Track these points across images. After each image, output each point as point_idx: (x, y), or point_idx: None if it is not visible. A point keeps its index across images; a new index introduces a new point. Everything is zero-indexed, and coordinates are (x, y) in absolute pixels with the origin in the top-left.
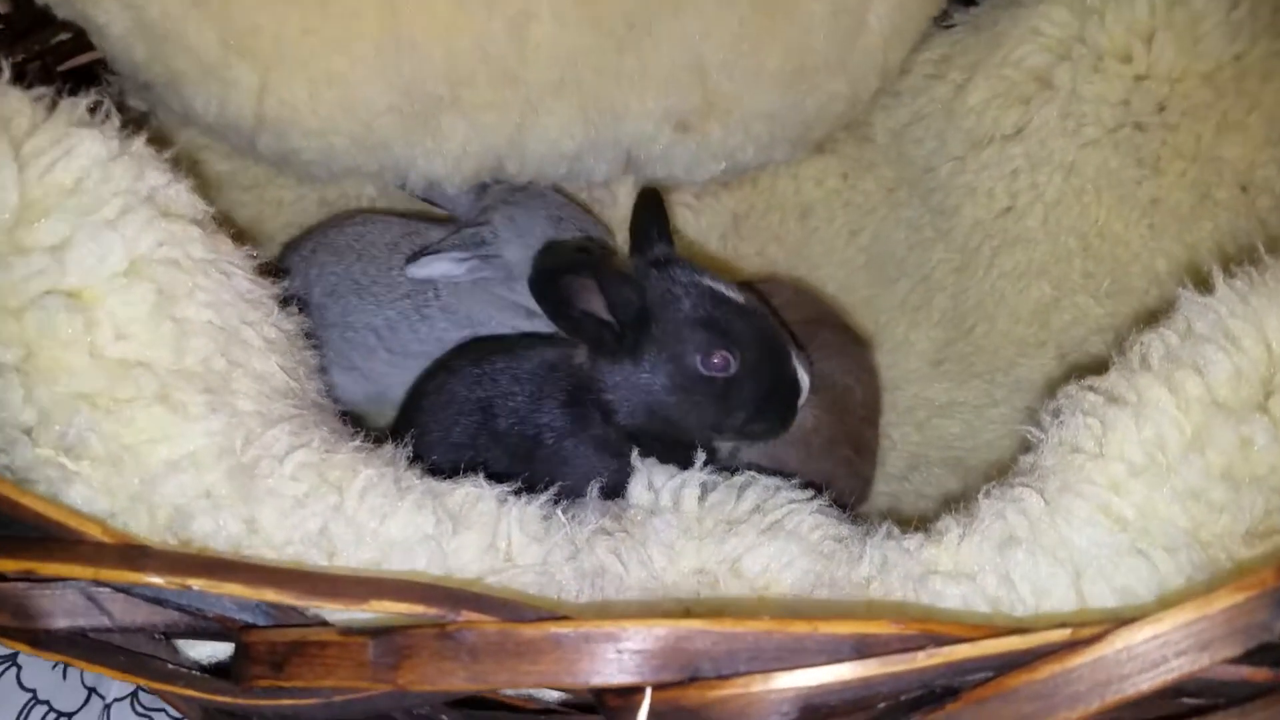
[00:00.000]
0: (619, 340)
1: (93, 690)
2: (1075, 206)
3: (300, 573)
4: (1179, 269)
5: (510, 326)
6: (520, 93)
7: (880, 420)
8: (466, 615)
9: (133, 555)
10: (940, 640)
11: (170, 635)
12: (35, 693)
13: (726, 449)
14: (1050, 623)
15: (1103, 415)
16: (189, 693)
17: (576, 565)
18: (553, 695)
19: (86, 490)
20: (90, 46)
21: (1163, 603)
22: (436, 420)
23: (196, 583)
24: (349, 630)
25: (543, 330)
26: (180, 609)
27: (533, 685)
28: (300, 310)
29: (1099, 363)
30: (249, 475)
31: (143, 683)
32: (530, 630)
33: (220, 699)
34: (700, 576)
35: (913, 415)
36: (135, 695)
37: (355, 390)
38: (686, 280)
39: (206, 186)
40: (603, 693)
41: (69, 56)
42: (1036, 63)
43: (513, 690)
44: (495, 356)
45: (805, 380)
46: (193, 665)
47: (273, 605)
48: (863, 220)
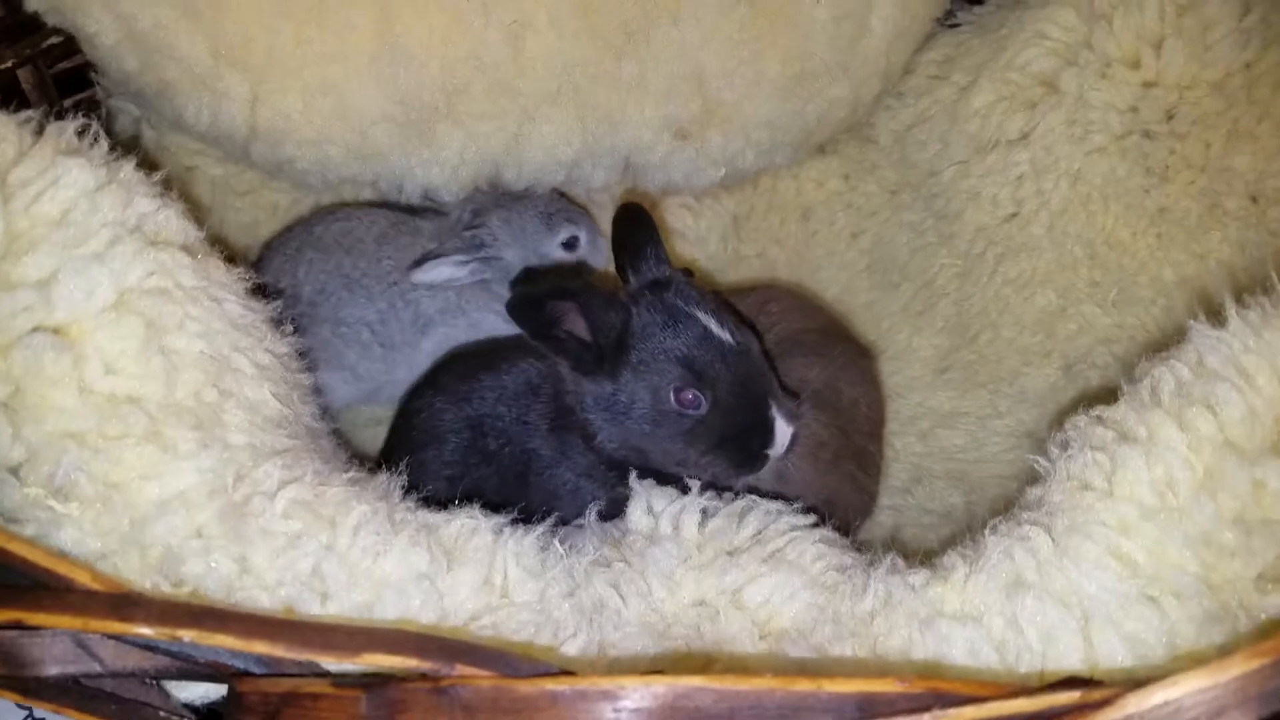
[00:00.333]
0: (599, 362)
1: None
2: (1081, 214)
3: (292, 623)
4: (1187, 279)
5: (499, 315)
6: (517, 102)
7: (883, 431)
8: (461, 669)
9: (122, 605)
10: (947, 700)
11: (161, 678)
12: None
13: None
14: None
15: (1112, 452)
16: None
17: (574, 602)
18: None
19: (76, 532)
20: (82, 50)
21: (1174, 657)
22: (429, 439)
23: (187, 634)
24: (342, 682)
25: None
26: (172, 655)
27: None
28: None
29: (1105, 376)
30: (240, 514)
31: None
32: (525, 686)
33: None
34: (701, 609)
35: (916, 425)
36: None
37: (346, 390)
38: (676, 309)
39: (200, 194)
40: None
41: (61, 59)
42: (1042, 67)
43: None
44: (481, 374)
45: (784, 432)
46: (185, 709)
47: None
48: (864, 223)
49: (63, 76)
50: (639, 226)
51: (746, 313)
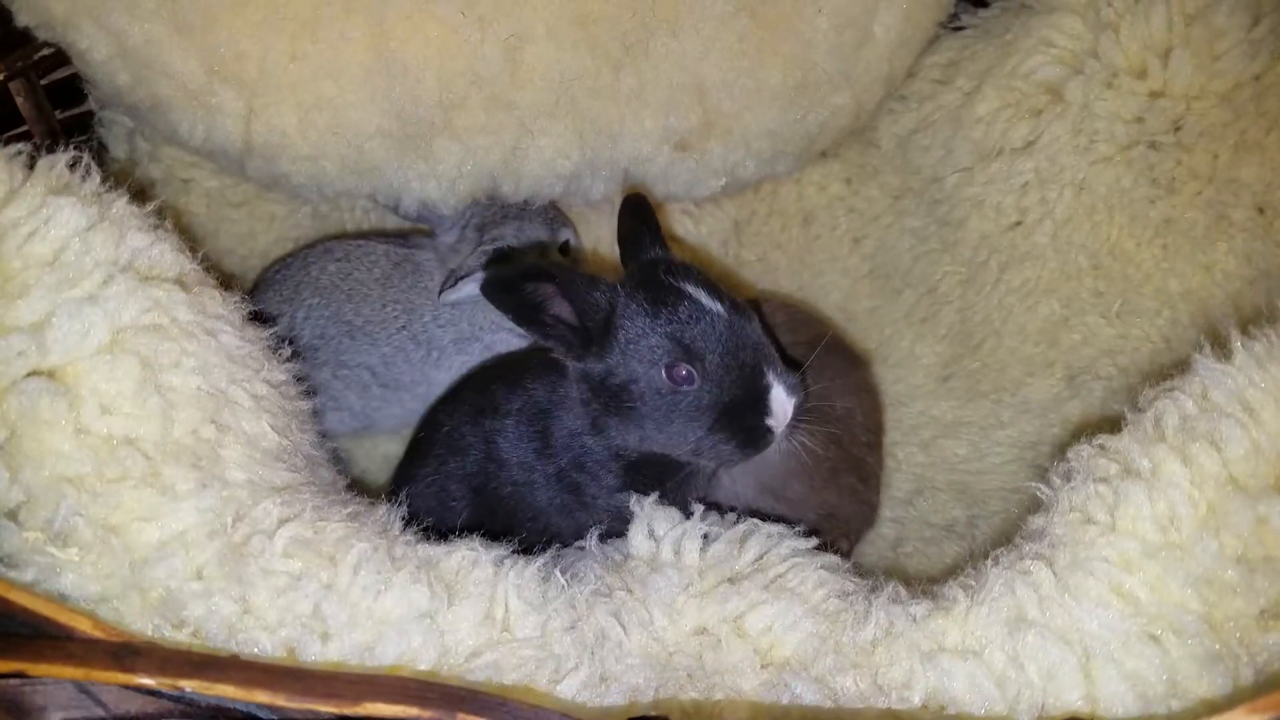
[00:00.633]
0: (587, 345)
1: None
2: (1086, 224)
3: (294, 671)
4: (1192, 291)
5: (512, 332)
6: (514, 115)
7: (884, 440)
8: (461, 718)
9: (124, 654)
10: None
11: None
12: None
13: (707, 475)
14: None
15: (1115, 485)
16: None
17: (575, 635)
18: None
19: (76, 576)
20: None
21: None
22: (451, 451)
23: (189, 684)
24: None
25: None
26: (175, 700)
27: None
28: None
29: (1108, 388)
30: (240, 554)
31: None
32: None
33: None
34: (703, 638)
35: (918, 434)
36: None
37: (342, 426)
38: (663, 285)
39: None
40: None
41: (54, 69)
42: (1048, 75)
43: None
44: (495, 387)
45: (783, 402)
46: None
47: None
48: (866, 228)
49: (56, 86)
50: (639, 217)
51: None
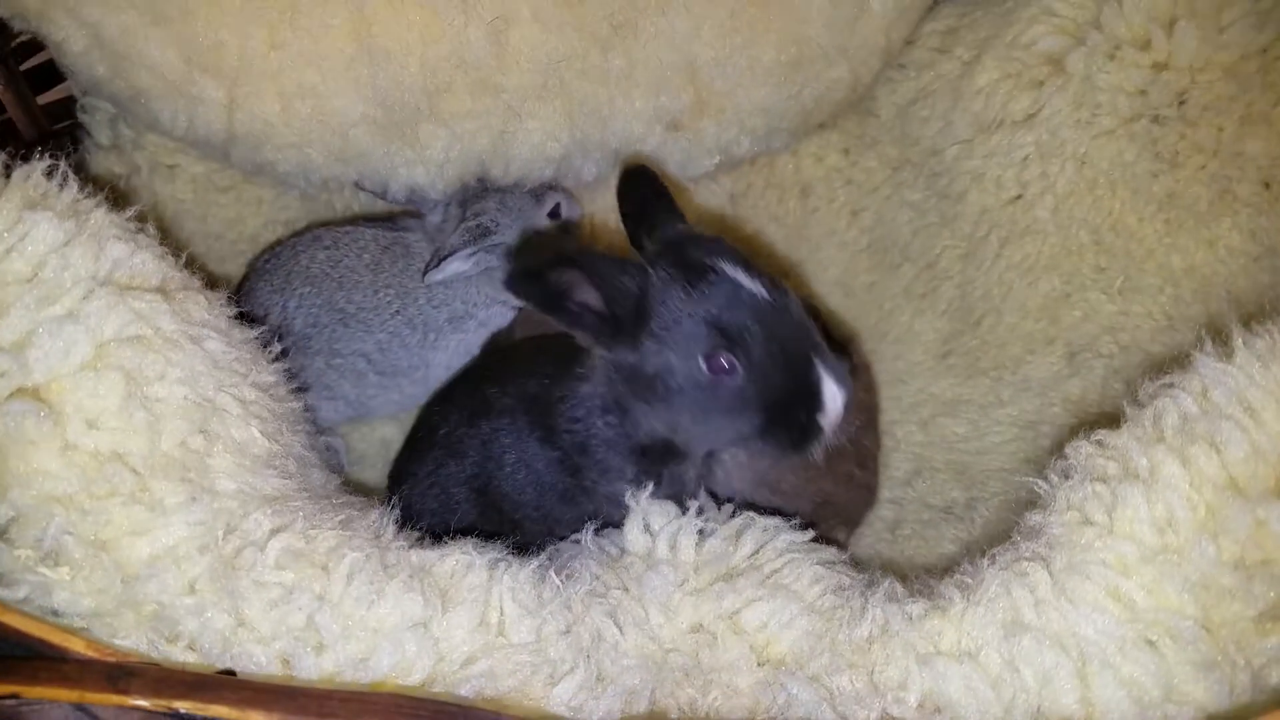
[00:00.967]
0: (617, 333)
1: None
2: (1088, 199)
3: (288, 689)
4: (1195, 267)
5: (505, 304)
6: (502, 99)
7: (881, 419)
8: None
9: (118, 676)
10: None
11: None
12: None
13: (696, 471)
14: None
15: (1114, 486)
16: None
17: (571, 639)
18: None
19: (68, 594)
20: None
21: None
22: (450, 455)
23: (183, 705)
24: None
25: None
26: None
27: None
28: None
29: (1109, 366)
30: (232, 567)
31: None
32: None
33: None
34: (698, 635)
35: (917, 412)
36: None
37: (337, 415)
38: (698, 264)
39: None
40: None
41: (32, 55)
42: (1049, 46)
43: None
44: (487, 388)
45: (835, 396)
46: None
47: None
48: (865, 200)
49: (39, 70)
50: (647, 187)
51: None
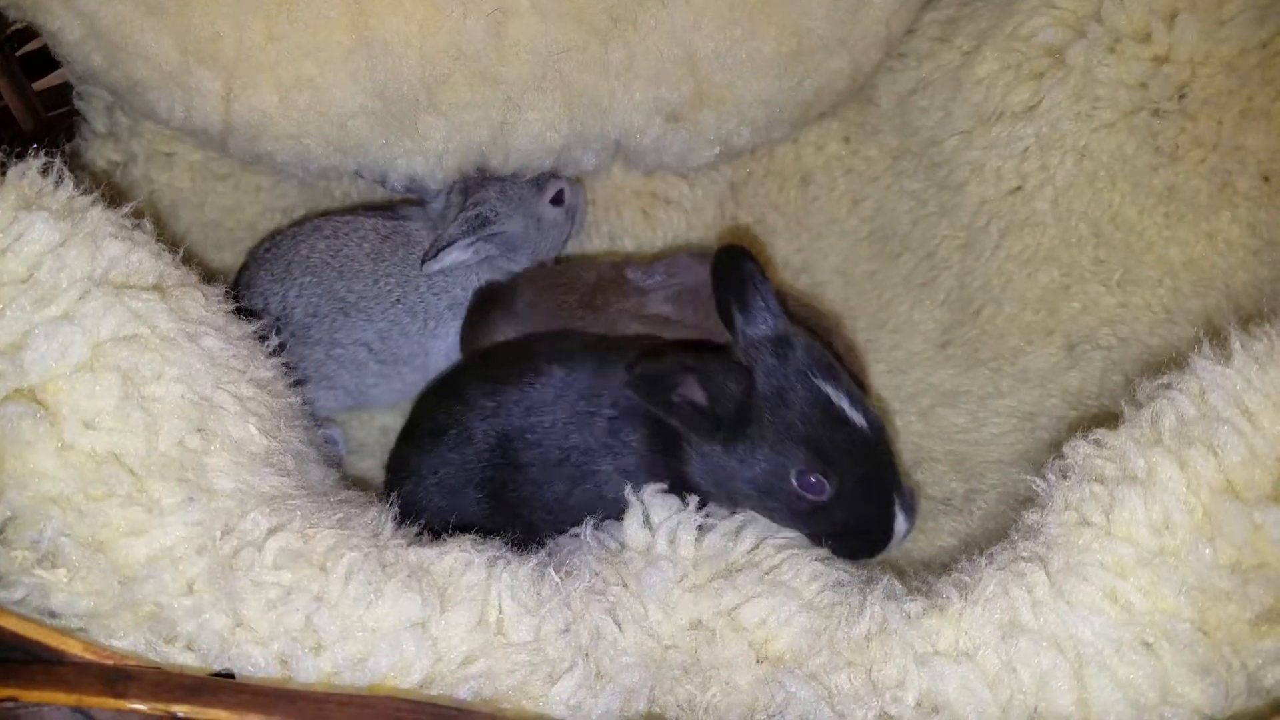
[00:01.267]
0: (715, 429)
1: None
2: (1087, 191)
3: (286, 693)
4: (1195, 260)
5: None
6: (501, 91)
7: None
8: None
9: (116, 679)
10: None
11: None
12: None
13: None
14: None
15: (1112, 488)
16: None
17: (570, 638)
18: None
19: (66, 595)
20: None
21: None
22: (460, 451)
23: (181, 709)
24: None
25: None
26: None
27: None
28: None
29: (1108, 358)
30: (229, 568)
31: None
32: None
33: None
34: (697, 632)
35: (917, 402)
36: None
37: (336, 404)
38: (804, 380)
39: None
40: None
41: (27, 41)
42: (1049, 38)
43: None
44: (508, 386)
45: (902, 527)
46: None
47: None
48: (865, 189)
49: (34, 56)
50: (744, 271)
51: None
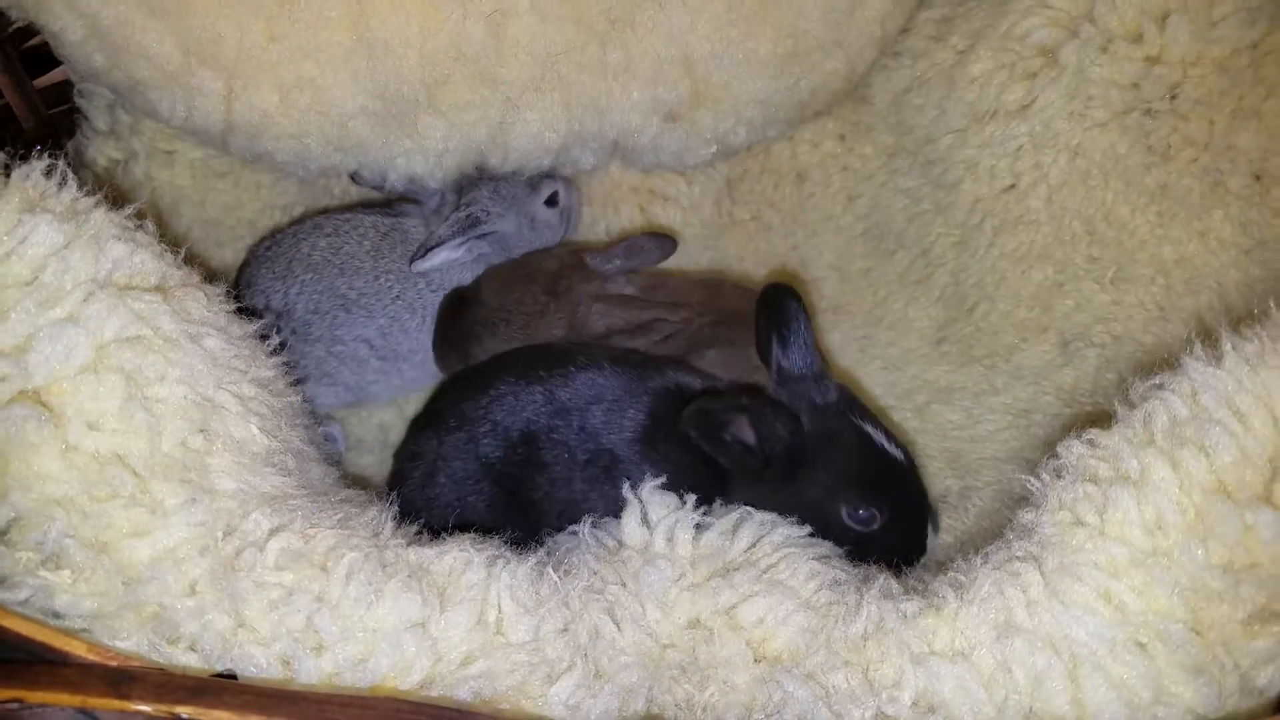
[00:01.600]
0: (763, 470)
1: None
2: (1081, 189)
3: (288, 694)
4: (1187, 258)
5: None
6: (500, 91)
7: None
8: None
9: (120, 680)
10: None
11: None
12: None
13: None
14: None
15: (1105, 488)
16: None
17: (568, 638)
18: None
19: (70, 596)
20: None
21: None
22: (475, 448)
23: (185, 710)
24: None
25: None
26: None
27: None
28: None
29: (1102, 355)
30: (231, 568)
31: None
32: None
33: None
34: (695, 631)
35: (912, 399)
36: None
37: (334, 400)
38: (843, 422)
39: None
40: None
41: (29, 38)
42: (1043, 38)
43: None
44: (536, 385)
45: (932, 544)
46: None
47: None
48: (860, 186)
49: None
50: (789, 310)
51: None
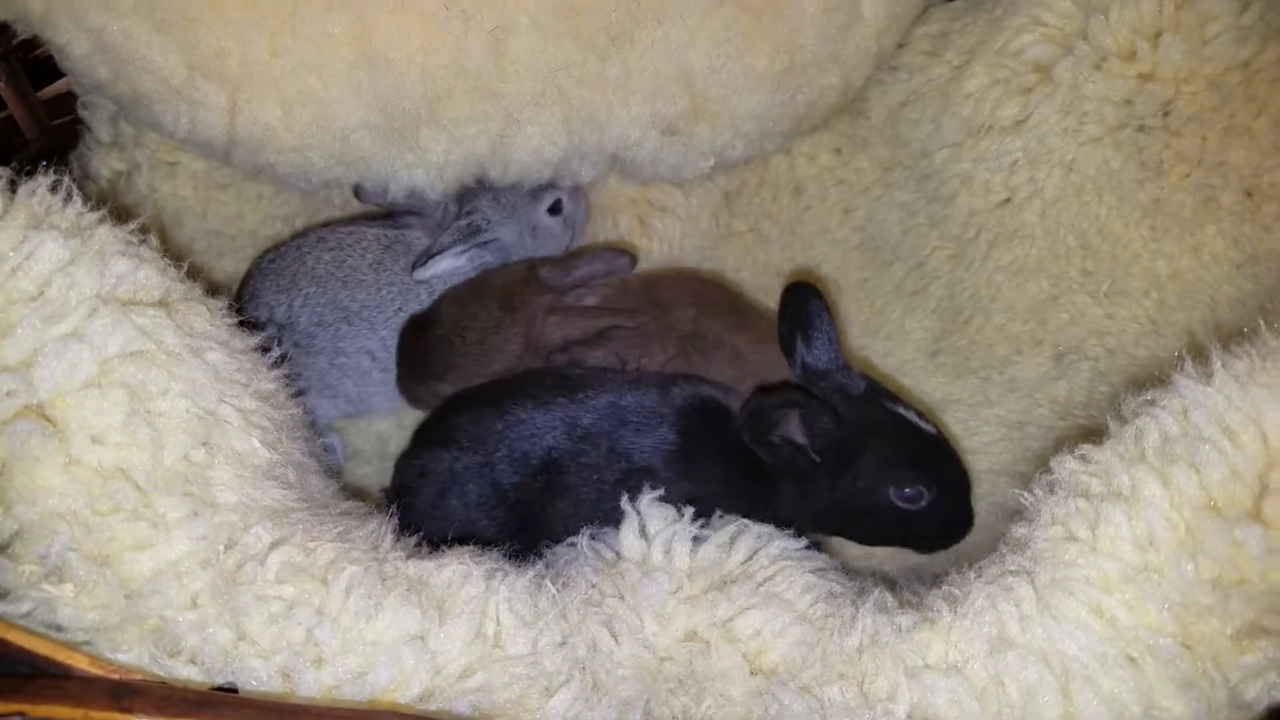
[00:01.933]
0: (813, 468)
1: None
2: (1075, 204)
3: (289, 707)
4: (1180, 273)
5: None
6: (500, 105)
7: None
8: None
9: (122, 694)
10: None
11: None
12: None
13: None
14: None
15: (1097, 504)
16: None
17: (567, 651)
18: None
19: (72, 610)
20: None
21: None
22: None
23: None
24: None
25: None
26: None
27: None
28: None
29: (1095, 369)
30: (233, 582)
31: None
32: None
33: None
34: (692, 644)
35: None
36: None
37: (335, 412)
38: (877, 407)
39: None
40: None
41: (33, 49)
42: (1037, 55)
43: None
44: (557, 403)
45: (972, 512)
46: None
47: None
48: (856, 199)
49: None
50: (812, 306)
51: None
